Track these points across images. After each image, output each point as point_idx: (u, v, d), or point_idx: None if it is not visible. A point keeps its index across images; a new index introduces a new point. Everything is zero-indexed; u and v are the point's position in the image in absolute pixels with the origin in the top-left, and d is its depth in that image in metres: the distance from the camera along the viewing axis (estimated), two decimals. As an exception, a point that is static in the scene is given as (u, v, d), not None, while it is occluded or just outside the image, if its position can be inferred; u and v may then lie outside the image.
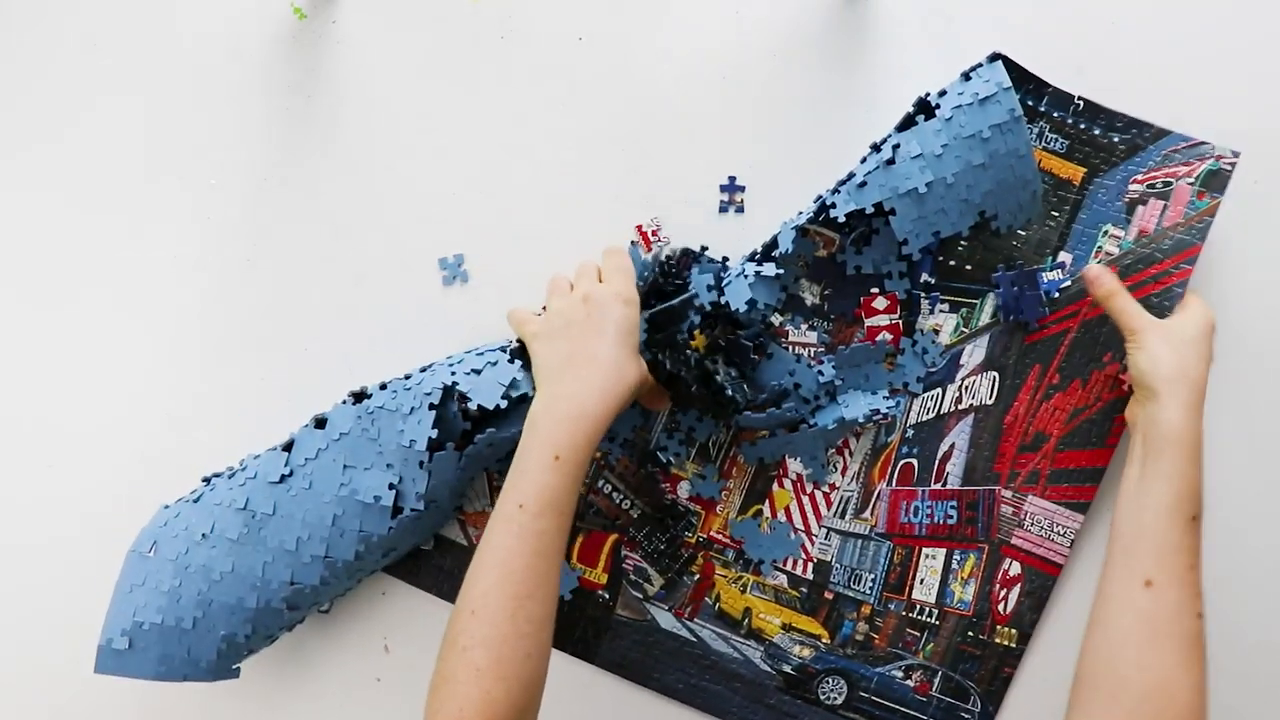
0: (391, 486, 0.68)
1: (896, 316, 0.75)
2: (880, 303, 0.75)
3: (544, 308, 0.72)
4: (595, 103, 0.77)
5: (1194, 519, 0.62)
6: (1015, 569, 0.75)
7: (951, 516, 0.75)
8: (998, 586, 0.75)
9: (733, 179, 0.77)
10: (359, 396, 0.71)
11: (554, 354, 0.66)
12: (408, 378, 0.71)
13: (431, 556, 0.77)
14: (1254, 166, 0.73)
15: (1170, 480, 0.63)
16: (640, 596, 0.76)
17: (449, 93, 0.78)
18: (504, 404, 0.69)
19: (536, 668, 0.60)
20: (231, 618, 0.68)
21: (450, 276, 0.78)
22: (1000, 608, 0.75)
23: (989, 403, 0.75)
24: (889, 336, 0.75)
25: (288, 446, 0.70)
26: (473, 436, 0.69)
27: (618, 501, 0.76)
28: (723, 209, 0.77)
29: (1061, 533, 0.75)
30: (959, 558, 0.75)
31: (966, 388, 0.75)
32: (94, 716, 0.78)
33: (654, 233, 0.76)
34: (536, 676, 0.60)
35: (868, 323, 0.75)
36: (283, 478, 0.69)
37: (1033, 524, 0.75)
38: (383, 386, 0.71)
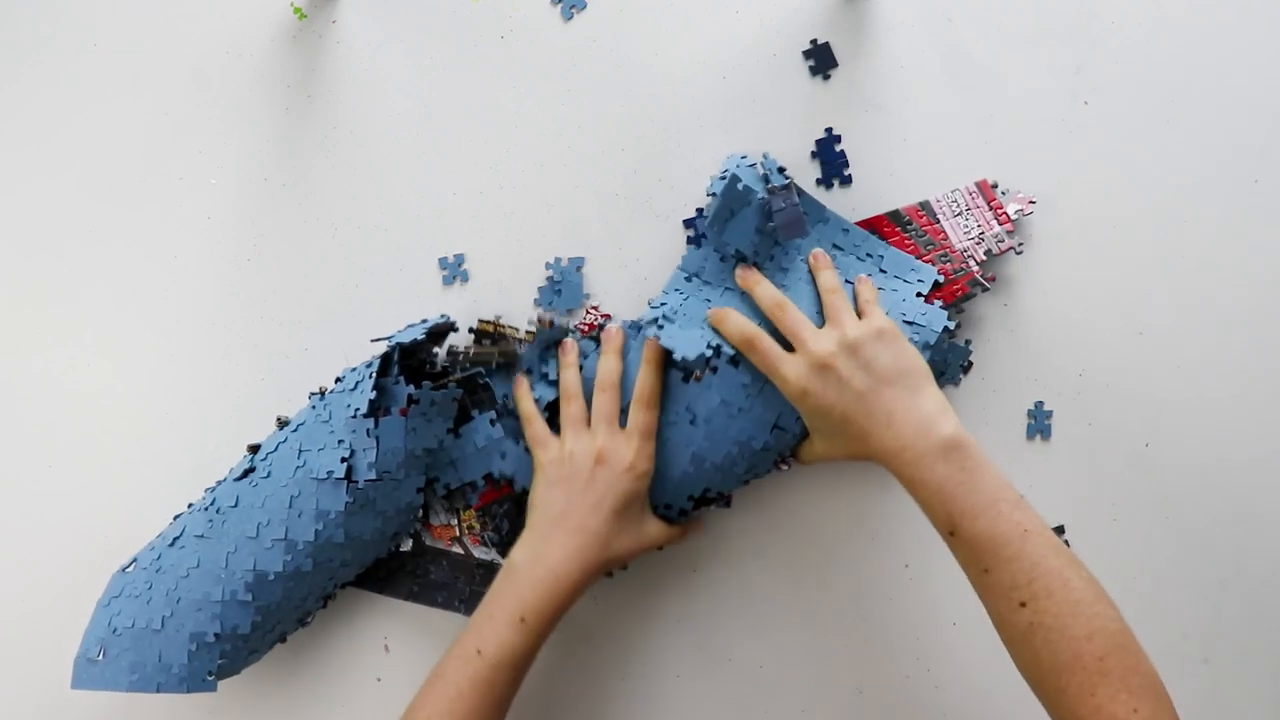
0: (344, 461, 0.69)
1: None
2: None
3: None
4: (595, 103, 0.77)
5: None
6: None
7: None
8: None
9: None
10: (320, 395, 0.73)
11: (550, 503, 0.68)
12: (355, 369, 0.73)
13: (417, 566, 0.76)
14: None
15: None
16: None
17: (449, 93, 0.78)
18: (421, 337, 0.70)
19: None
20: (198, 614, 0.68)
21: (450, 276, 0.78)
22: None
23: None
24: None
25: (254, 449, 0.72)
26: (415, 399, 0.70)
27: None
28: (723, 209, 0.77)
29: None
30: None
31: None
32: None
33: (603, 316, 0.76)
34: None
35: None
36: (246, 473, 0.70)
37: None
38: (338, 380, 0.73)
